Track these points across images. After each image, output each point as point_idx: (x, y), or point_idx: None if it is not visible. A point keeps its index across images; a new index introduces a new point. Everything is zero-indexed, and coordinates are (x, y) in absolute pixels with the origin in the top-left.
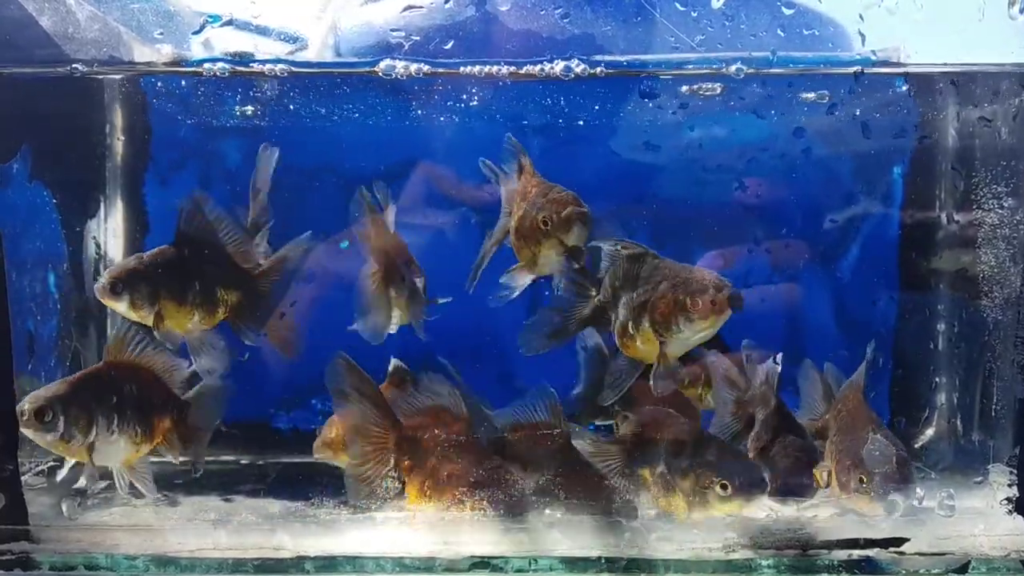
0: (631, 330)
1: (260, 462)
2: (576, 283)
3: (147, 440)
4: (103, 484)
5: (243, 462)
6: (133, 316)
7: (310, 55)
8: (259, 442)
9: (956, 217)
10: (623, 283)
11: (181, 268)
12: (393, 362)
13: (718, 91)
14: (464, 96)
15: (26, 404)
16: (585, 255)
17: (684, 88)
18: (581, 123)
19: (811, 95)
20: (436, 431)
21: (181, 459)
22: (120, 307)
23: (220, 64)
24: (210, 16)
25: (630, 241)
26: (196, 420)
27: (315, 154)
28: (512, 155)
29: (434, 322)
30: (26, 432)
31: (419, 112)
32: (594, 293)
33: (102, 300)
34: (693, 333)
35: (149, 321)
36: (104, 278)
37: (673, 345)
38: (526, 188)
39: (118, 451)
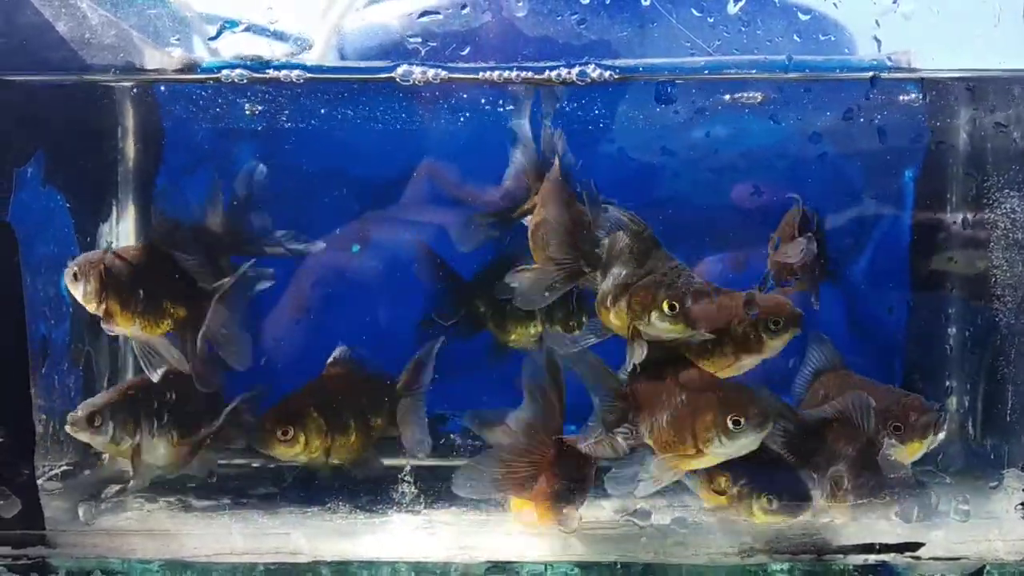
0: (608, 303)
1: (272, 465)
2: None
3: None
4: (116, 488)
5: (256, 465)
6: (86, 304)
7: (313, 58)
8: None
9: (969, 220)
10: (617, 255)
11: (131, 271)
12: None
13: (759, 99)
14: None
15: (79, 411)
16: None
17: (727, 97)
18: (594, 127)
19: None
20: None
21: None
22: (76, 293)
23: (238, 71)
24: (227, 21)
25: (636, 217)
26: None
27: (327, 158)
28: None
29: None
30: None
31: (430, 116)
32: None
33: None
34: (661, 332)
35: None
36: (70, 265)
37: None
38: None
39: (160, 456)
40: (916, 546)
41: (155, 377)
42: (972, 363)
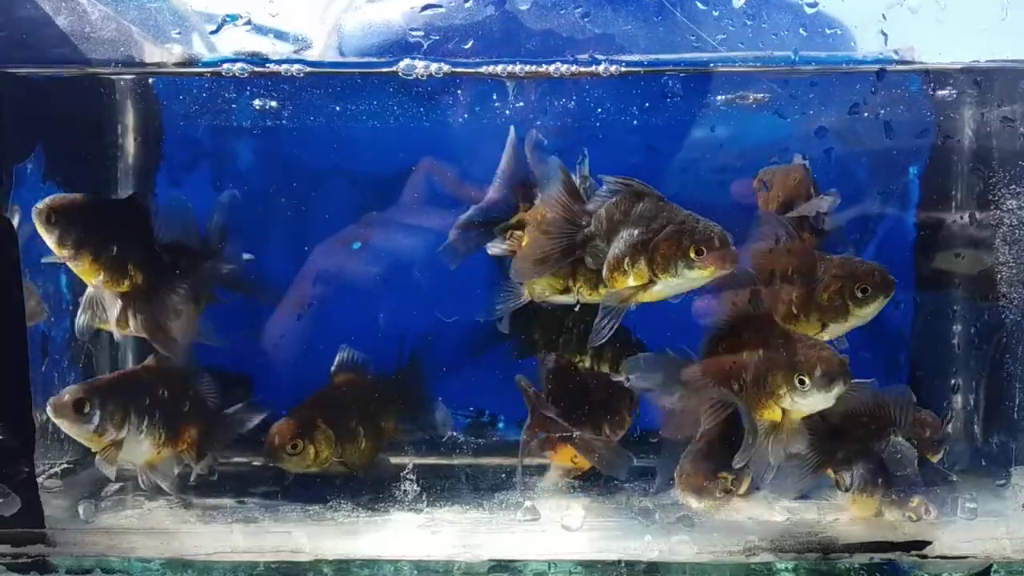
0: (625, 266)
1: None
2: (568, 210)
3: (170, 444)
4: (117, 486)
5: (257, 463)
6: (58, 252)
7: (314, 55)
8: None
9: (974, 217)
10: (623, 218)
11: (106, 225)
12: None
13: (766, 99)
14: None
15: (65, 395)
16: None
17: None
18: (599, 122)
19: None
20: None
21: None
22: (50, 240)
23: (239, 65)
24: (228, 16)
25: (636, 180)
26: (220, 435)
27: (327, 155)
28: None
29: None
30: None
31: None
32: (584, 223)
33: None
34: (689, 281)
35: (70, 262)
36: (40, 205)
37: (664, 287)
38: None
39: (143, 450)
40: (923, 544)
41: (81, 322)
42: (978, 360)
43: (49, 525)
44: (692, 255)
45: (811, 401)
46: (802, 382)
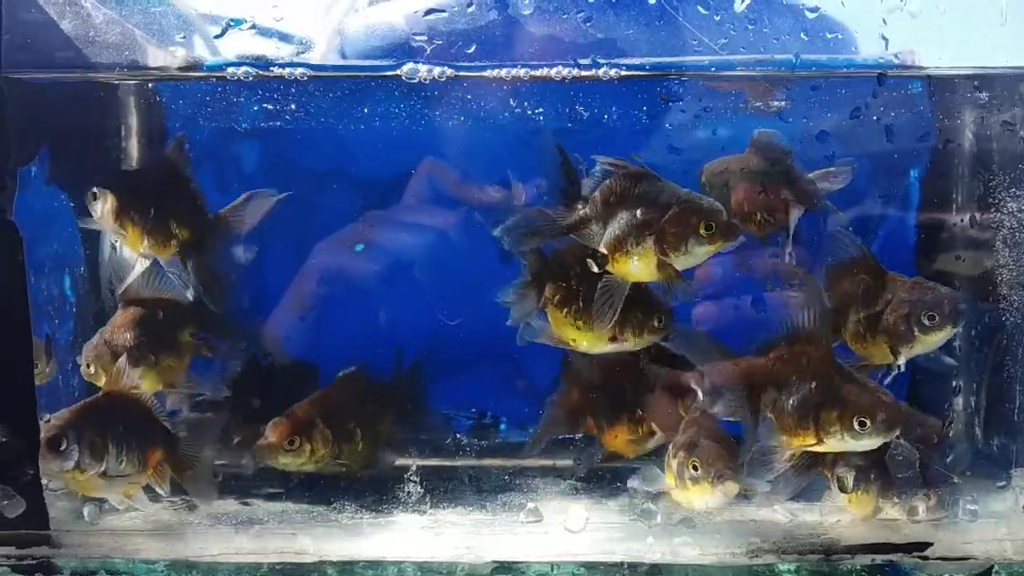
0: (629, 247)
1: None
2: (563, 191)
3: (143, 471)
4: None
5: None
6: (104, 223)
7: (316, 58)
8: None
9: (975, 220)
10: (620, 200)
11: (144, 190)
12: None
13: (784, 105)
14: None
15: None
16: None
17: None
18: (601, 125)
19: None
20: None
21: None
22: (95, 211)
23: (244, 69)
24: (233, 20)
25: (629, 161)
26: (188, 450)
27: (328, 157)
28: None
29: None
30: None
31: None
32: (580, 205)
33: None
34: (696, 257)
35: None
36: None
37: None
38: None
39: (122, 481)
40: (924, 546)
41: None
42: (979, 362)
43: (54, 527)
44: (702, 231)
45: (863, 443)
46: (862, 424)
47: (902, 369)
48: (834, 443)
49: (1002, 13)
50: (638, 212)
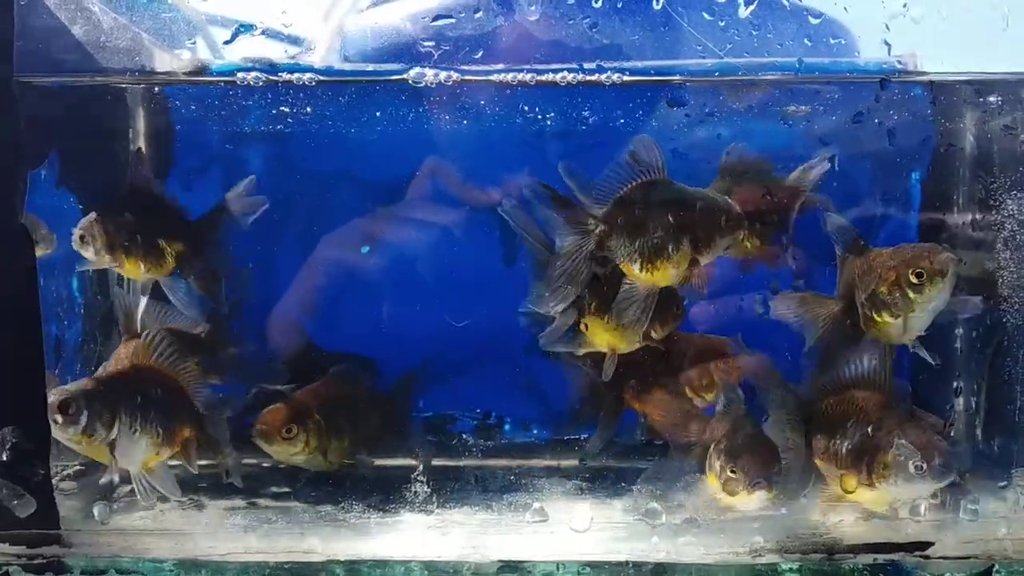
0: (670, 251)
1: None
2: (571, 219)
3: (167, 445)
4: (128, 488)
5: (267, 465)
6: (100, 263)
7: (316, 59)
8: None
9: (976, 222)
10: (642, 206)
11: (124, 217)
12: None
13: (803, 111)
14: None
15: (51, 397)
16: None
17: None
18: (604, 129)
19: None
20: None
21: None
22: (87, 255)
23: (253, 74)
24: (242, 25)
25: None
26: (215, 431)
27: (335, 160)
28: None
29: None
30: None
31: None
32: (591, 224)
33: (78, 248)
34: (719, 253)
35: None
36: (75, 231)
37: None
38: None
39: (139, 452)
40: (926, 545)
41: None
42: (980, 363)
43: (64, 526)
44: (724, 225)
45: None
46: (919, 468)
47: (915, 343)
48: (887, 488)
49: (1004, 18)
50: (670, 218)
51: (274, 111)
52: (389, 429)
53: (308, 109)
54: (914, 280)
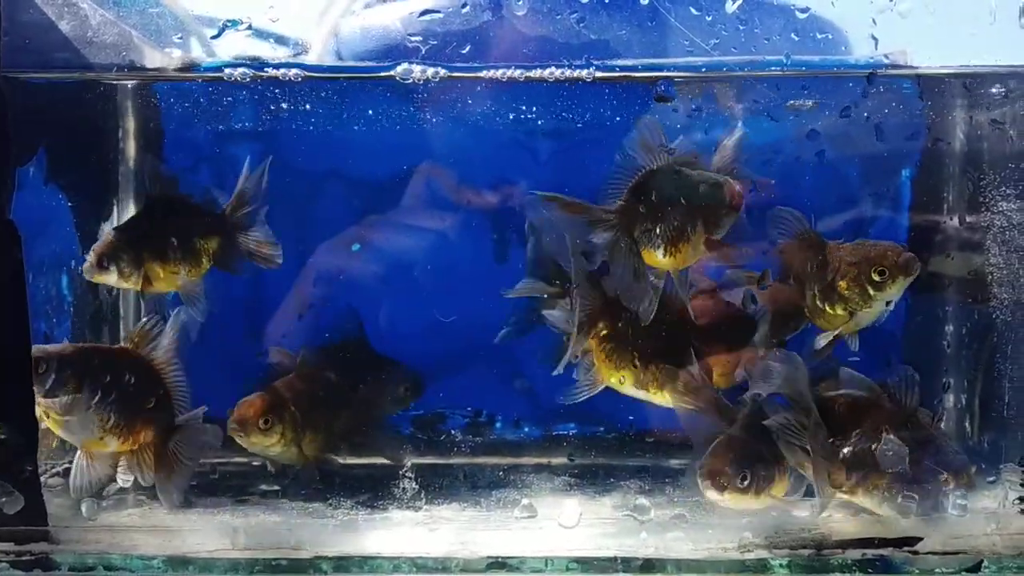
0: (689, 234)
1: None
2: (595, 218)
3: (117, 436)
4: (118, 485)
5: (256, 463)
6: (124, 285)
7: (310, 59)
8: None
9: (965, 219)
10: (659, 192)
11: (158, 229)
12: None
13: (809, 105)
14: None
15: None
16: None
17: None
18: (593, 126)
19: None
20: None
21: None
22: (110, 279)
23: (240, 70)
24: (229, 21)
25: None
26: (179, 449)
27: (325, 158)
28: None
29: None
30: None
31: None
32: (607, 215)
33: (91, 278)
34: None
35: (137, 286)
36: (90, 257)
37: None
38: None
39: (83, 429)
40: (914, 540)
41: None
42: (969, 360)
43: (52, 523)
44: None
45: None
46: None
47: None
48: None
49: (991, 12)
50: (684, 202)
51: (264, 111)
52: (363, 425)
53: (307, 106)
54: (876, 278)
